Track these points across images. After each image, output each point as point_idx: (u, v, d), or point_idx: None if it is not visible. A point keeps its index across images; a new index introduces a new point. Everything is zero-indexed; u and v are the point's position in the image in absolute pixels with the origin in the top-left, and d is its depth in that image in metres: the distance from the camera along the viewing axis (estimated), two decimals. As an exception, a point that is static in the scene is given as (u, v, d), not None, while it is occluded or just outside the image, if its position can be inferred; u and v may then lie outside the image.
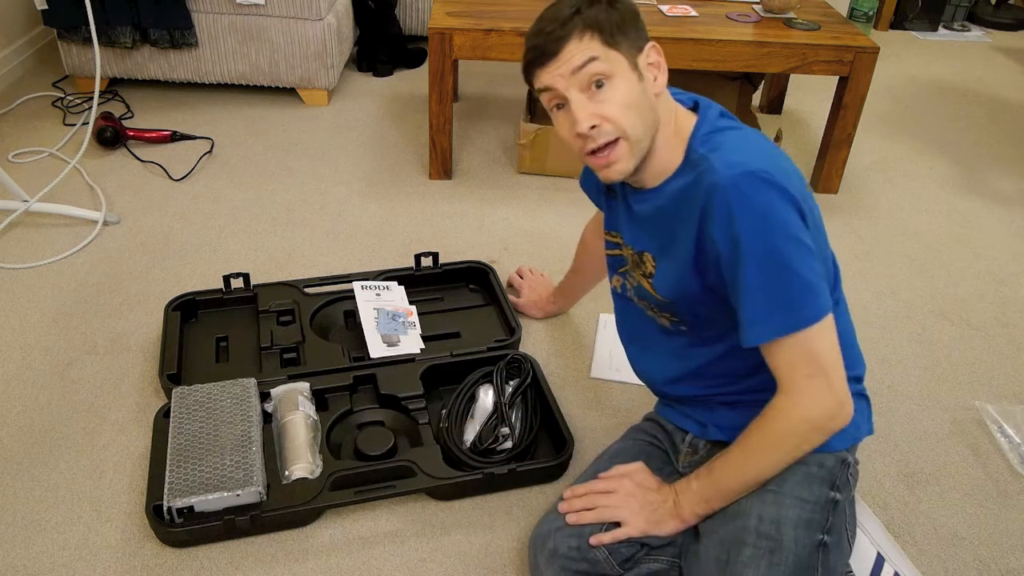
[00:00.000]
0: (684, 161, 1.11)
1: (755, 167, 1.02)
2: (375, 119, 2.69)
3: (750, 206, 1.02)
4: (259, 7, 2.53)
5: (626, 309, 1.31)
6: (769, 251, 1.02)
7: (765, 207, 1.02)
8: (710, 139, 1.10)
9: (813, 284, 1.04)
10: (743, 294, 1.06)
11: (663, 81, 1.10)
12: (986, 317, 1.94)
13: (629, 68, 1.06)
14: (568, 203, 2.28)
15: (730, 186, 1.02)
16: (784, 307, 1.04)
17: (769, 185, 1.02)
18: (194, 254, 2.00)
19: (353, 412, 1.54)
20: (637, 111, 1.07)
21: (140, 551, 1.31)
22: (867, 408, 1.26)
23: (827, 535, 1.13)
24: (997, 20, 3.92)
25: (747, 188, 1.02)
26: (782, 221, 1.02)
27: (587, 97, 1.06)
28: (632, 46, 1.07)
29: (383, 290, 1.78)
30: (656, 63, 1.09)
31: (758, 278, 1.04)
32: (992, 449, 1.58)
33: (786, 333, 1.04)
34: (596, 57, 1.04)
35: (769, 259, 1.03)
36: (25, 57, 2.88)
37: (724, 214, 1.03)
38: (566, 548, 1.20)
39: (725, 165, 1.04)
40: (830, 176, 2.36)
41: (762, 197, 1.02)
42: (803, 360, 1.05)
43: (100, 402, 1.58)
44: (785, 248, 1.02)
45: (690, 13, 2.30)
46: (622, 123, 1.06)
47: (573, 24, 1.04)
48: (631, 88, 1.06)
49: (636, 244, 1.20)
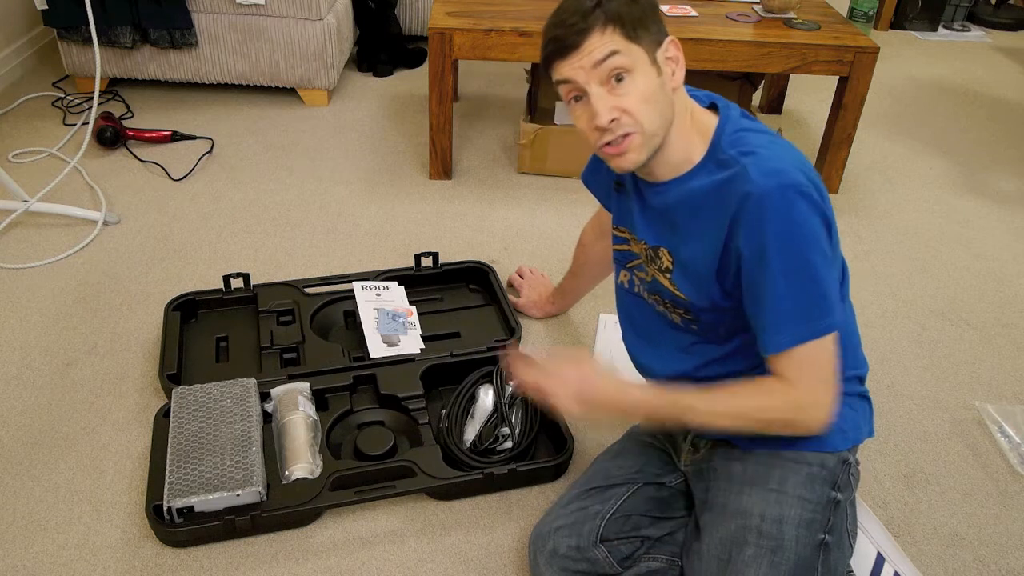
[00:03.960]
0: (709, 158, 1.10)
1: (793, 180, 1.03)
2: (375, 119, 2.69)
3: (785, 218, 1.03)
4: (259, 7, 2.53)
5: (632, 304, 1.30)
6: (798, 262, 1.04)
7: (799, 220, 1.03)
8: (739, 140, 1.09)
9: (831, 296, 1.06)
10: (767, 301, 1.07)
11: (680, 76, 1.09)
12: (986, 317, 1.94)
13: (648, 62, 1.06)
14: (568, 203, 2.28)
15: (766, 196, 1.02)
16: (805, 317, 1.06)
17: (805, 199, 1.03)
18: (194, 254, 2.00)
19: (353, 412, 1.54)
20: (655, 105, 1.06)
21: (140, 551, 1.31)
22: (869, 409, 1.26)
23: (828, 535, 1.13)
24: (997, 20, 3.92)
25: (784, 201, 1.02)
26: (813, 234, 1.04)
27: (607, 90, 1.05)
28: (652, 40, 1.06)
29: (383, 290, 1.78)
30: (675, 57, 1.09)
31: (784, 287, 1.05)
32: (992, 449, 1.58)
33: (804, 341, 1.06)
34: (618, 51, 1.03)
35: (796, 270, 1.04)
36: (25, 57, 2.87)
37: (756, 222, 1.04)
38: (566, 548, 1.20)
39: (762, 174, 1.03)
40: (830, 176, 2.36)
41: (797, 210, 1.03)
42: (814, 366, 1.08)
43: (100, 402, 1.58)
44: (813, 259, 1.04)
45: (690, 13, 2.30)
46: (640, 117, 1.06)
47: (595, 17, 1.03)
48: (650, 82, 1.05)
49: (651, 239, 1.19)
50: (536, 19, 2.17)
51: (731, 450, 1.21)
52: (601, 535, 1.20)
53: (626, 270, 1.28)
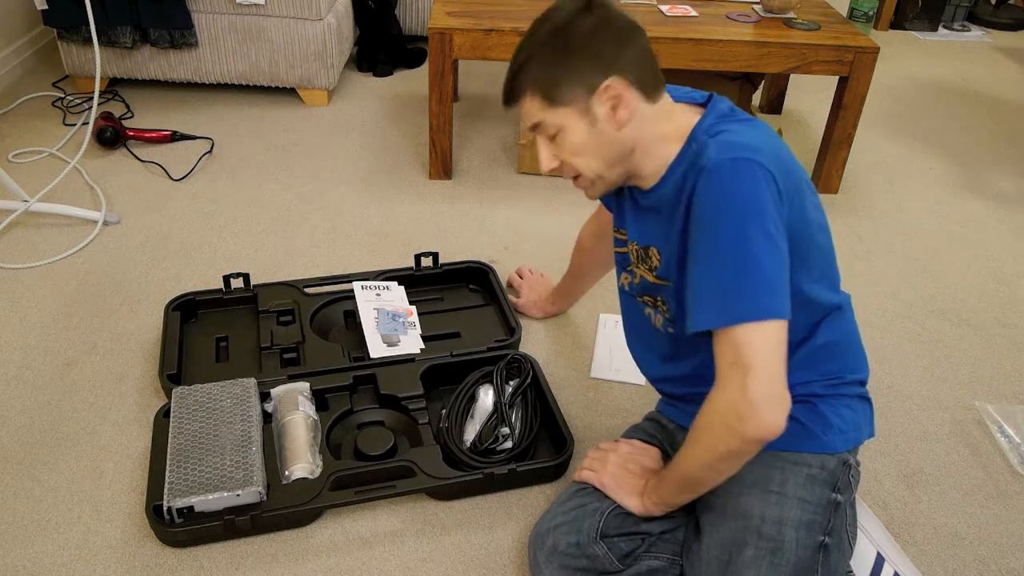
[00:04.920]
0: (684, 152, 1.10)
1: (749, 154, 1.01)
2: (375, 119, 2.69)
3: (731, 187, 1.00)
4: (259, 7, 2.53)
5: (630, 306, 1.32)
6: (734, 234, 0.99)
7: (746, 191, 0.99)
8: (713, 128, 1.08)
9: (773, 282, 0.99)
10: (694, 273, 1.03)
11: (627, 111, 1.06)
12: (986, 317, 1.94)
13: (578, 116, 1.07)
14: (568, 203, 2.28)
15: (718, 167, 1.01)
16: (735, 293, 0.98)
17: (759, 171, 1.00)
18: (194, 254, 2.00)
19: (353, 412, 1.54)
20: (591, 154, 1.10)
21: (140, 551, 1.31)
22: (869, 411, 1.26)
23: (828, 536, 1.13)
24: (997, 20, 3.92)
25: (733, 170, 1.00)
26: (759, 210, 0.99)
27: (547, 140, 1.11)
28: (580, 92, 1.06)
29: (383, 290, 1.78)
30: (616, 96, 1.06)
31: (715, 262, 1.00)
32: (992, 449, 1.58)
33: (732, 323, 0.99)
34: (541, 121, 1.09)
35: (733, 242, 0.99)
36: (25, 57, 2.87)
37: (703, 193, 1.02)
38: (565, 545, 1.20)
39: (719, 148, 1.03)
40: (830, 176, 2.36)
41: (746, 181, 1.00)
42: (734, 351, 0.99)
43: (100, 402, 1.58)
44: (754, 235, 0.98)
45: (690, 13, 2.30)
46: (577, 167, 1.12)
47: (517, 84, 1.09)
48: (581, 136, 1.08)
49: (642, 239, 1.20)
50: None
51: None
52: (601, 531, 1.20)
53: (626, 272, 1.28)
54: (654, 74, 1.10)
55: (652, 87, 1.09)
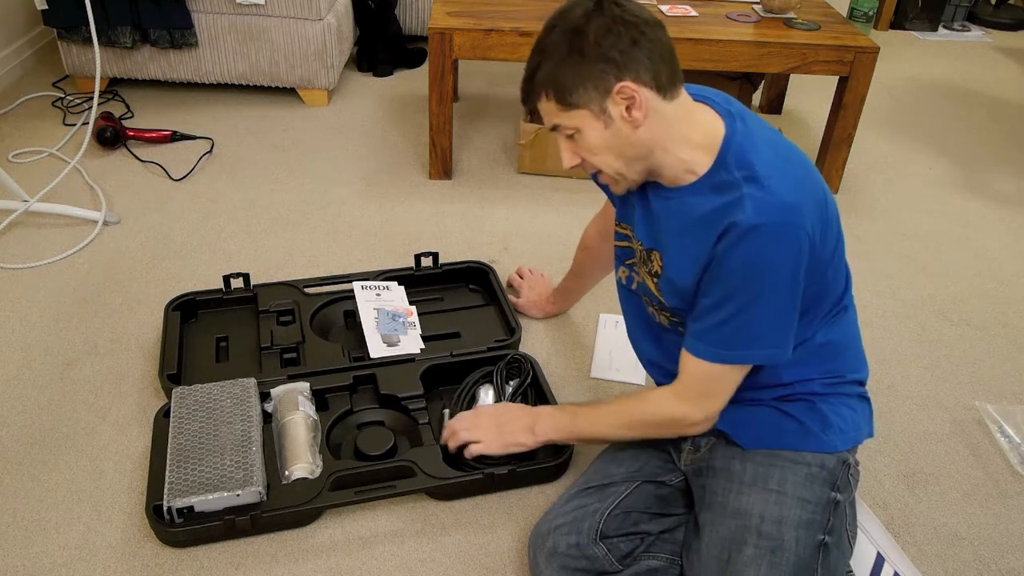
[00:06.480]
0: (713, 174, 1.08)
1: (792, 216, 1.03)
2: (375, 119, 2.69)
3: (768, 254, 1.04)
4: (259, 7, 2.53)
5: (630, 300, 1.32)
6: (749, 295, 1.06)
7: (782, 262, 1.04)
8: (744, 159, 1.06)
9: (766, 333, 1.09)
10: (703, 310, 1.11)
11: (641, 112, 1.06)
12: (986, 317, 1.94)
13: (593, 117, 1.07)
14: (568, 203, 2.28)
15: (758, 230, 1.03)
16: (728, 343, 1.11)
17: (802, 238, 1.04)
18: (194, 254, 2.00)
19: (353, 412, 1.54)
20: (609, 153, 1.10)
21: (140, 551, 1.31)
22: (868, 410, 1.26)
23: (828, 536, 1.13)
24: (997, 20, 3.92)
25: (775, 237, 1.03)
26: (787, 278, 1.05)
27: (566, 139, 1.12)
28: (595, 94, 1.05)
29: (383, 290, 1.78)
30: (630, 97, 1.05)
31: (727, 310, 1.08)
32: (992, 449, 1.58)
33: (722, 362, 1.13)
34: (558, 123, 1.10)
35: (751, 298, 1.07)
36: (25, 57, 2.88)
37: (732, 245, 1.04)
38: (565, 546, 1.20)
39: (757, 211, 1.03)
40: (830, 176, 2.36)
41: (785, 252, 1.04)
42: (706, 377, 1.15)
43: (100, 402, 1.58)
44: (772, 298, 1.07)
45: (690, 13, 2.30)
46: (596, 164, 1.12)
47: (532, 87, 1.09)
48: (597, 136, 1.08)
49: (646, 241, 1.20)
50: (536, 19, 2.17)
51: (731, 449, 1.22)
52: (601, 532, 1.20)
53: (625, 267, 1.29)
54: (671, 71, 1.06)
55: (669, 84, 1.06)
